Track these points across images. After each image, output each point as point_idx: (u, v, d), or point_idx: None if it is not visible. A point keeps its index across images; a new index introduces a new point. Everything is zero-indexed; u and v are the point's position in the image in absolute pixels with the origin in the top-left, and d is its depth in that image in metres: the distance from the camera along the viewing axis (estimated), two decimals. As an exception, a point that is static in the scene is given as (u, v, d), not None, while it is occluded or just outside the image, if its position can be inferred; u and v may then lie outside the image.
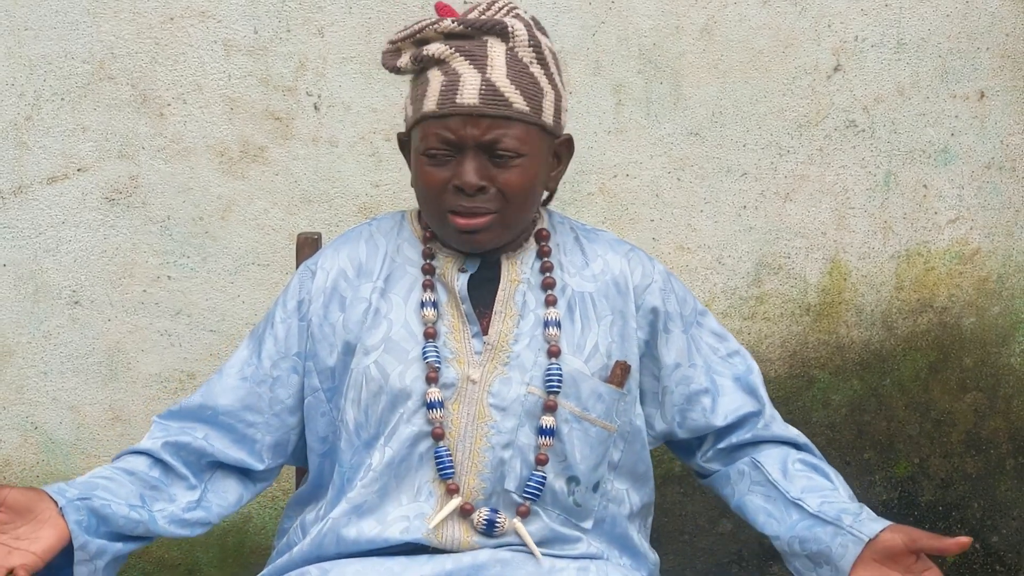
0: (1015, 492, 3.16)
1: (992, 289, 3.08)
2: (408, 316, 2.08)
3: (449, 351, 2.06)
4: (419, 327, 2.07)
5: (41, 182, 2.87)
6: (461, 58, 2.01)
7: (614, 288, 2.13)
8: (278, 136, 2.88)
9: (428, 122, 2.01)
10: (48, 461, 2.96)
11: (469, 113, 1.98)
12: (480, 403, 2.05)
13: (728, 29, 2.92)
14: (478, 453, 2.04)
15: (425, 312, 2.07)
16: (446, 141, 2.00)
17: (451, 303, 2.09)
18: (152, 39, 2.83)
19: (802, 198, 3.00)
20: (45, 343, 2.92)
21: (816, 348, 3.06)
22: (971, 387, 3.12)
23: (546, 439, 2.05)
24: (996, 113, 3.01)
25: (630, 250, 2.19)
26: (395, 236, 2.16)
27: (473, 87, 1.98)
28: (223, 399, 2.13)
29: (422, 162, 2.02)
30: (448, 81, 2.00)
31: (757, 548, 3.12)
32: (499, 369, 2.06)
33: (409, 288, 2.10)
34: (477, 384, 2.05)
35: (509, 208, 2.02)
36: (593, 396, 2.08)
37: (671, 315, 2.16)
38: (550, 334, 2.07)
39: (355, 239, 2.18)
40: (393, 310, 2.09)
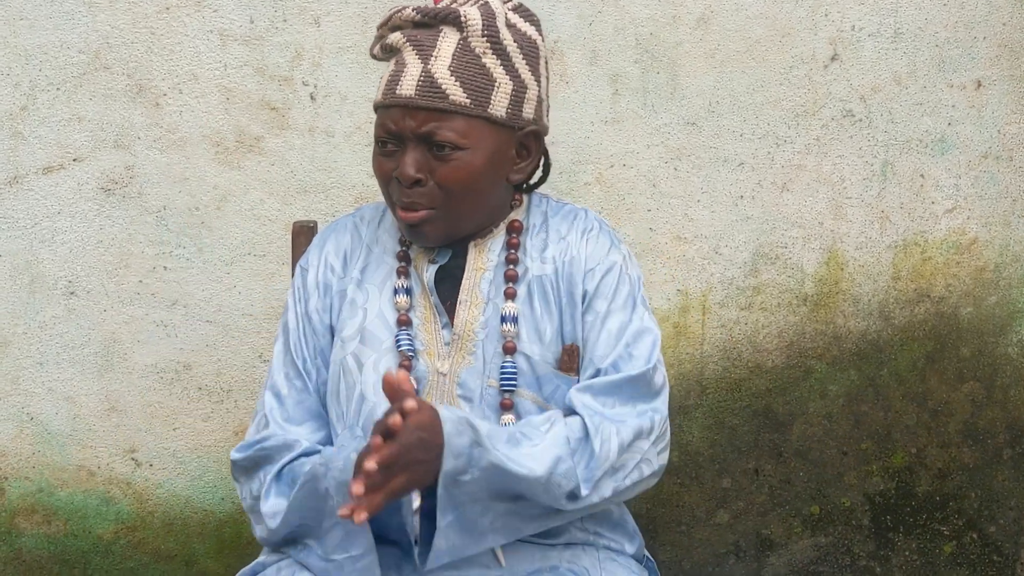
0: (1012, 482, 3.16)
1: (989, 279, 3.08)
2: (382, 305, 2.09)
3: (420, 343, 2.06)
4: (393, 315, 2.08)
5: (36, 172, 2.87)
6: (411, 48, 2.02)
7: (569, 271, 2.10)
8: (274, 126, 2.87)
9: (379, 112, 2.05)
10: (44, 452, 2.96)
11: (406, 105, 1.99)
12: (450, 395, 2.05)
13: (725, 19, 2.92)
14: None
15: (398, 299, 2.08)
16: (389, 132, 2.02)
17: (423, 294, 2.09)
18: (148, 29, 2.82)
19: (799, 188, 3.00)
20: (41, 334, 2.92)
21: (813, 338, 3.06)
22: (968, 377, 3.12)
23: None
24: (993, 102, 3.01)
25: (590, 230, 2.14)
26: (375, 227, 2.18)
27: (412, 78, 1.99)
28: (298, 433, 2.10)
29: (375, 151, 2.06)
30: (395, 71, 2.02)
31: (754, 539, 3.12)
32: (466, 359, 2.06)
33: (384, 278, 2.11)
34: (446, 376, 2.06)
35: (451, 202, 2.02)
36: (551, 385, 2.07)
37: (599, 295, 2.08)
38: (505, 329, 2.06)
39: (340, 230, 2.20)
40: (369, 299, 2.10)
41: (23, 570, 2.99)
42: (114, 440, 2.97)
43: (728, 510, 3.10)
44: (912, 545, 3.16)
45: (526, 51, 2.05)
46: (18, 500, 2.98)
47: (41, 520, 2.99)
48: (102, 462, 2.97)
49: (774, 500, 3.12)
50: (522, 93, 2.04)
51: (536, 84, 2.07)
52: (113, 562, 3.01)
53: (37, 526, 2.99)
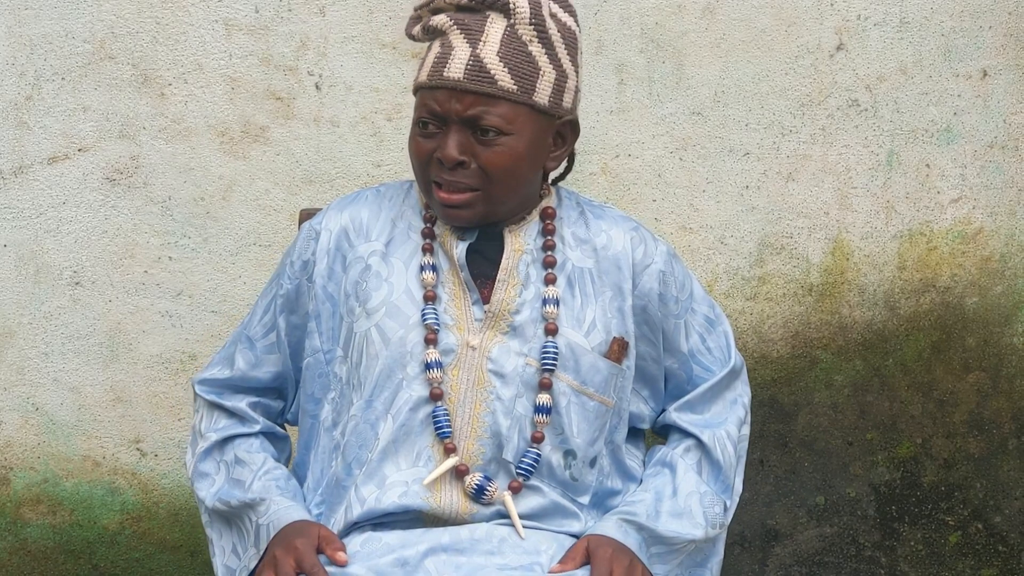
0: (1018, 472, 3.16)
1: (995, 269, 3.08)
2: (409, 281, 2.10)
3: (450, 318, 2.08)
4: (419, 291, 2.09)
5: (42, 162, 2.87)
6: (458, 31, 2.02)
7: (614, 264, 2.14)
8: (279, 116, 2.87)
9: (421, 92, 2.05)
10: (49, 442, 2.96)
11: (454, 87, 2.00)
12: (479, 369, 2.06)
13: (730, 8, 2.91)
14: (477, 418, 2.05)
15: (424, 276, 2.09)
16: (433, 113, 2.02)
17: (452, 271, 2.10)
18: (153, 18, 2.82)
19: (805, 178, 3.00)
20: (46, 324, 2.92)
21: (819, 328, 3.06)
22: (974, 367, 3.12)
23: (542, 416, 2.06)
24: (999, 92, 3.01)
25: (634, 227, 2.19)
26: (400, 202, 2.18)
27: (461, 62, 2.00)
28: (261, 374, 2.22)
29: (414, 131, 2.06)
30: (442, 53, 2.02)
31: (760, 529, 3.12)
32: (499, 337, 2.07)
33: (411, 254, 2.12)
34: (476, 350, 2.06)
35: (492, 187, 2.03)
36: (592, 370, 2.10)
37: (667, 298, 2.17)
38: (548, 312, 2.08)
39: (359, 200, 2.20)
40: (394, 274, 2.10)
41: (29, 560, 3.00)
42: (119, 430, 2.97)
43: (733, 500, 3.10)
44: (918, 535, 3.16)
45: (567, 41, 2.07)
46: (23, 490, 2.98)
47: (46, 510, 2.99)
48: (107, 452, 2.97)
49: (780, 490, 3.12)
50: (563, 82, 2.06)
51: (575, 74, 2.09)
52: (118, 552, 3.01)
53: (42, 516, 2.99)
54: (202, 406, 2.24)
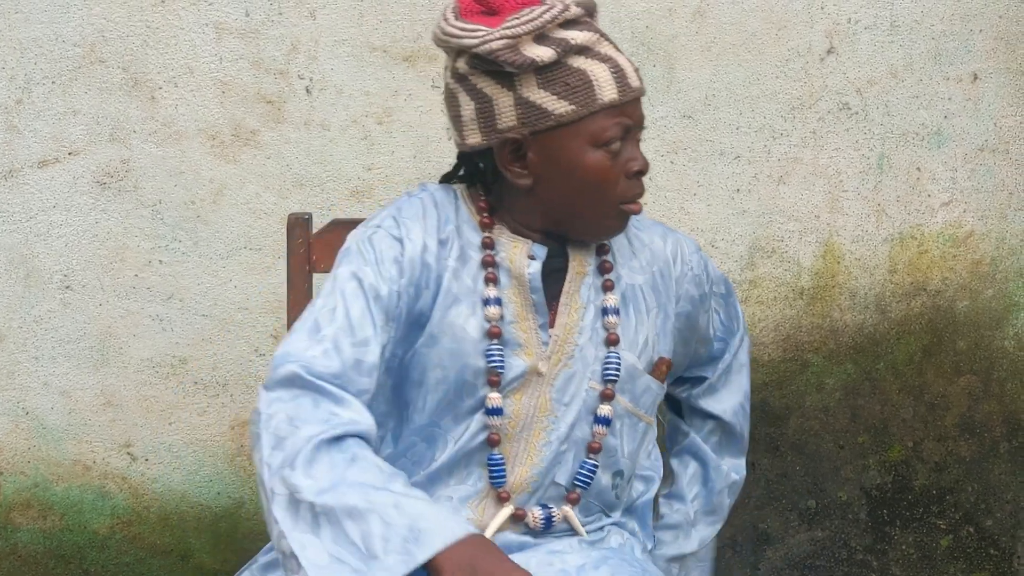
0: (1009, 475, 3.16)
1: (986, 272, 3.08)
2: (476, 305, 1.99)
3: (517, 342, 1.99)
4: (484, 324, 1.98)
5: (32, 166, 2.86)
6: (606, 42, 1.97)
7: (660, 279, 2.11)
8: (270, 119, 2.87)
9: (605, 112, 1.93)
10: (39, 446, 2.95)
11: (637, 96, 1.96)
12: (543, 396, 2.00)
13: (721, 11, 2.92)
14: (535, 447, 2.01)
15: (489, 310, 1.97)
16: (625, 128, 1.95)
17: (517, 290, 2.00)
18: (143, 22, 2.82)
19: (795, 181, 3.00)
20: (36, 328, 2.91)
21: (810, 332, 3.06)
22: (965, 370, 3.12)
23: (601, 427, 2.02)
24: (989, 95, 3.01)
25: (666, 233, 2.17)
26: (455, 215, 2.04)
27: (633, 70, 1.96)
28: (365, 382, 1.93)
29: (598, 157, 1.93)
30: (612, 67, 1.93)
31: (751, 533, 3.12)
32: (564, 363, 2.01)
33: (474, 277, 2.00)
34: (543, 377, 2.00)
35: None
36: (645, 392, 2.08)
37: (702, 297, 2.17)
38: (609, 322, 2.03)
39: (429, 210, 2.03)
40: (463, 295, 1.99)
41: (19, 565, 2.99)
42: (110, 434, 2.97)
43: (725, 504, 3.10)
44: (909, 539, 3.16)
45: None
46: (13, 495, 2.97)
47: (37, 515, 2.99)
48: (98, 457, 2.97)
49: (771, 494, 3.12)
50: None
51: None
52: (109, 557, 3.00)
53: (33, 521, 2.99)
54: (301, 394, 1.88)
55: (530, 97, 1.92)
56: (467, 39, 1.91)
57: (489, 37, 1.89)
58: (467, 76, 1.95)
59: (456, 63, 1.97)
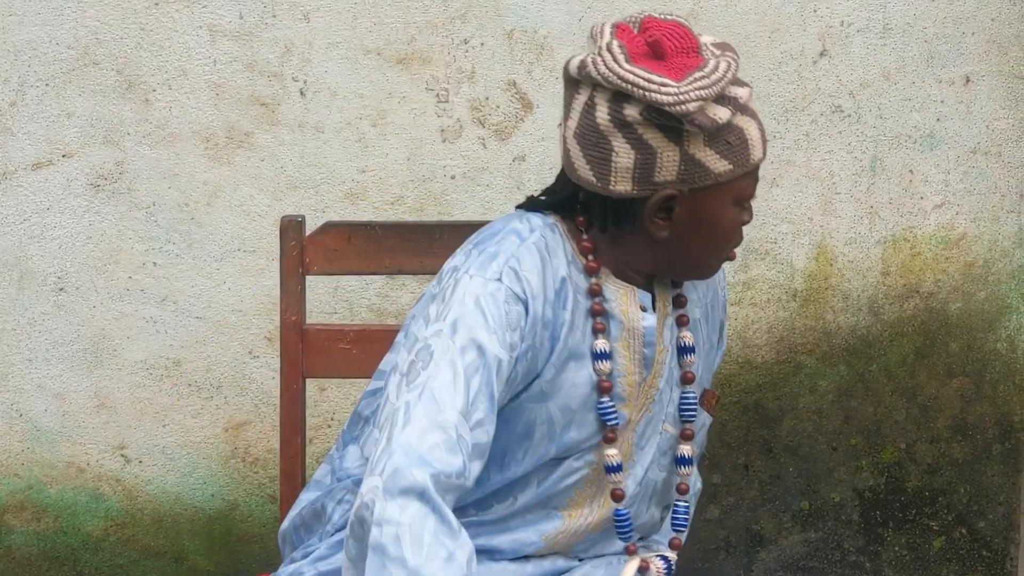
0: (1001, 477, 3.16)
1: (978, 274, 3.09)
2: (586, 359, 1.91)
3: (622, 396, 1.94)
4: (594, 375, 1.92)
5: (26, 168, 2.86)
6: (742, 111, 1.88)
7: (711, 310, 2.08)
8: (264, 122, 2.87)
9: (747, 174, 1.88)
10: (33, 448, 2.95)
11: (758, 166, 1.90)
12: (627, 443, 1.97)
13: (714, 14, 2.92)
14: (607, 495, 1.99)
15: (600, 365, 1.90)
16: (751, 195, 1.91)
17: (627, 343, 1.94)
18: (137, 24, 2.82)
19: (788, 183, 3.00)
20: (30, 330, 2.91)
21: (803, 334, 3.07)
22: (957, 372, 3.12)
23: (685, 468, 2.01)
24: (982, 98, 3.02)
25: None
26: (561, 254, 1.92)
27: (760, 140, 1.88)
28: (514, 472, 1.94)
29: (735, 214, 1.89)
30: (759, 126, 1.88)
31: (744, 534, 3.12)
32: (646, 407, 1.97)
33: (583, 325, 1.91)
34: (630, 424, 1.96)
35: None
36: (702, 428, 2.06)
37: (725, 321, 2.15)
38: (686, 361, 1.99)
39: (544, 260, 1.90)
40: (576, 350, 1.91)
41: (13, 567, 2.99)
42: (104, 436, 2.97)
43: (718, 505, 3.10)
44: (902, 540, 3.16)
45: None
46: (7, 497, 2.97)
47: (31, 517, 2.98)
48: (92, 459, 2.97)
49: (764, 495, 3.12)
50: None
51: None
52: (103, 559, 3.00)
53: (27, 523, 2.99)
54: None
55: (696, 155, 1.82)
56: (657, 94, 1.77)
57: (684, 97, 1.77)
58: (634, 125, 1.81)
59: (624, 109, 1.81)
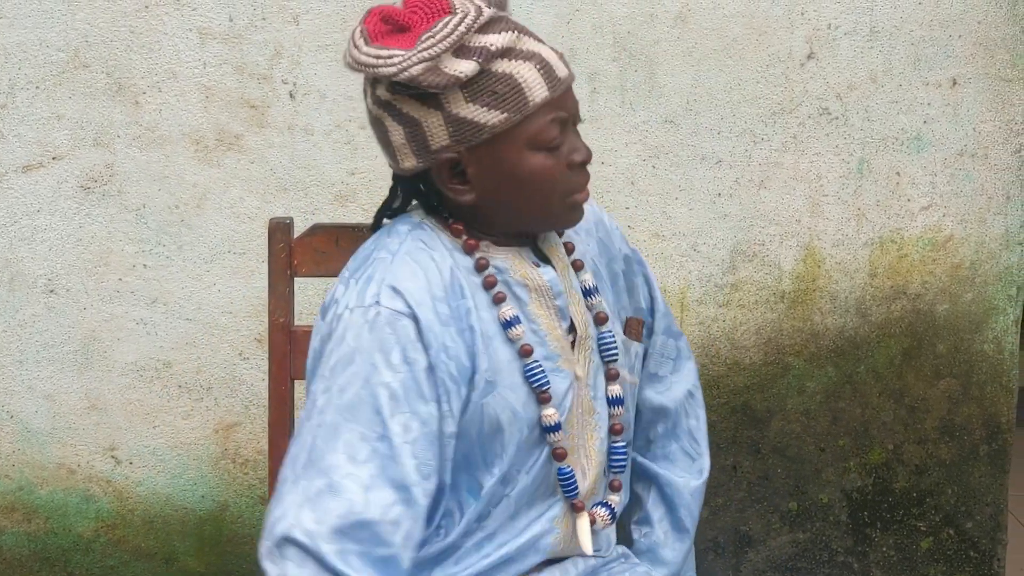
0: (989, 478, 3.17)
1: (965, 276, 3.10)
2: (502, 336, 1.89)
3: (556, 353, 1.92)
4: (513, 347, 1.89)
5: (16, 171, 2.87)
6: (526, 36, 1.83)
7: (600, 242, 2.06)
8: (253, 124, 2.88)
9: (541, 111, 1.81)
10: (24, 450, 2.96)
11: (568, 85, 1.83)
12: (585, 398, 1.96)
13: (702, 17, 2.93)
14: (592, 450, 1.97)
15: (511, 332, 1.88)
16: (562, 122, 1.83)
17: (537, 301, 1.92)
18: (127, 27, 2.83)
19: (776, 185, 3.01)
20: (20, 332, 2.92)
21: (791, 335, 3.08)
22: (945, 374, 3.14)
23: (617, 408, 1.98)
24: (969, 100, 3.03)
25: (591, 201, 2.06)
26: (440, 244, 1.90)
27: (558, 59, 1.83)
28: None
29: (539, 159, 1.82)
30: (538, 63, 1.80)
31: (733, 535, 3.13)
32: (591, 359, 1.96)
33: (489, 306, 1.89)
34: (582, 380, 1.95)
35: None
36: (636, 358, 2.05)
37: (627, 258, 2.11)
38: (592, 302, 1.97)
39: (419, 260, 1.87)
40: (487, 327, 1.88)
41: (3, 568, 2.99)
42: (94, 438, 2.97)
43: (706, 506, 3.11)
44: (889, 541, 3.17)
45: None
46: (-2, 498, 2.98)
47: (21, 518, 2.99)
48: (82, 460, 2.98)
49: (752, 496, 3.13)
50: None
51: None
52: (93, 560, 3.01)
53: (17, 524, 2.99)
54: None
55: (459, 113, 1.79)
56: (384, 67, 1.77)
57: (407, 63, 1.75)
58: (390, 103, 1.83)
59: (376, 90, 1.85)
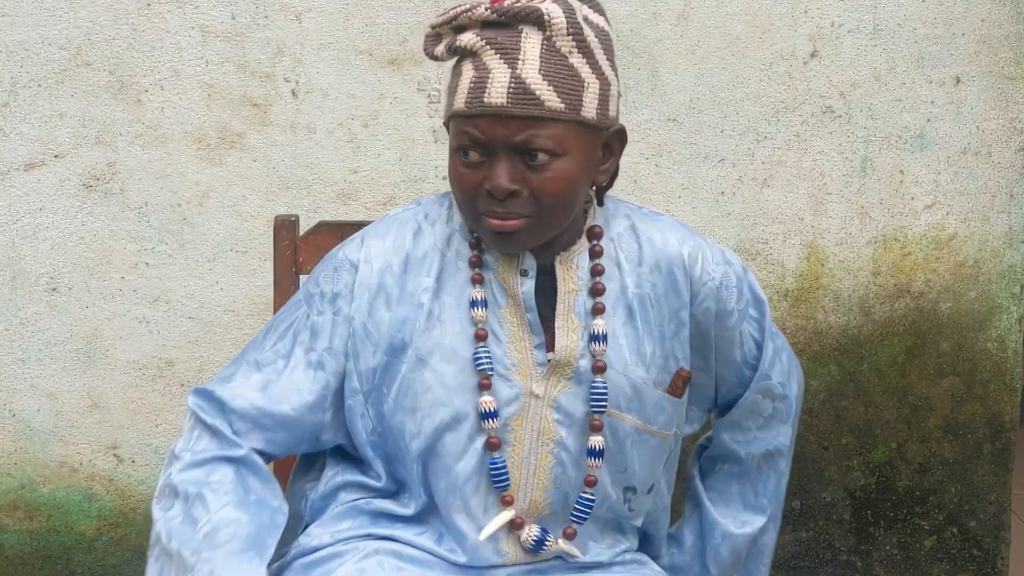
0: (992, 477, 3.17)
1: (968, 274, 3.10)
2: (463, 320, 1.93)
3: (511, 362, 1.94)
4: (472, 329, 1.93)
5: (18, 169, 2.87)
6: (492, 52, 1.83)
7: (672, 286, 1.99)
8: (256, 122, 2.88)
9: (458, 120, 1.85)
10: (26, 448, 2.96)
11: (497, 114, 1.81)
12: (545, 419, 1.94)
13: (705, 15, 2.93)
14: (544, 470, 1.96)
15: (475, 312, 1.92)
16: (476, 141, 1.83)
17: (512, 309, 1.95)
18: (129, 25, 2.83)
19: (779, 184, 3.01)
20: (23, 330, 2.92)
21: (794, 333, 3.07)
22: (948, 372, 3.13)
23: (595, 460, 1.96)
24: (972, 98, 3.03)
25: (688, 236, 2.03)
26: (444, 224, 1.98)
27: (502, 85, 1.80)
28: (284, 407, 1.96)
29: (455, 160, 1.87)
30: (478, 77, 1.82)
31: (736, 534, 3.13)
32: (563, 383, 1.95)
33: (462, 287, 1.94)
34: (541, 399, 1.94)
35: (545, 212, 1.86)
36: (656, 409, 1.99)
37: (723, 314, 2.03)
38: (596, 349, 1.94)
39: (401, 228, 1.99)
40: (446, 311, 1.94)
41: (5, 566, 2.99)
42: (96, 436, 2.97)
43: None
44: (893, 539, 3.17)
45: (604, 45, 1.89)
46: (0, 496, 2.98)
47: (23, 516, 2.99)
48: (84, 458, 2.97)
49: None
50: (607, 90, 1.88)
51: (616, 79, 1.92)
52: (95, 558, 3.01)
53: (19, 522, 2.99)
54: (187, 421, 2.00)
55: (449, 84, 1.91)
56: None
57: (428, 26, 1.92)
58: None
59: None
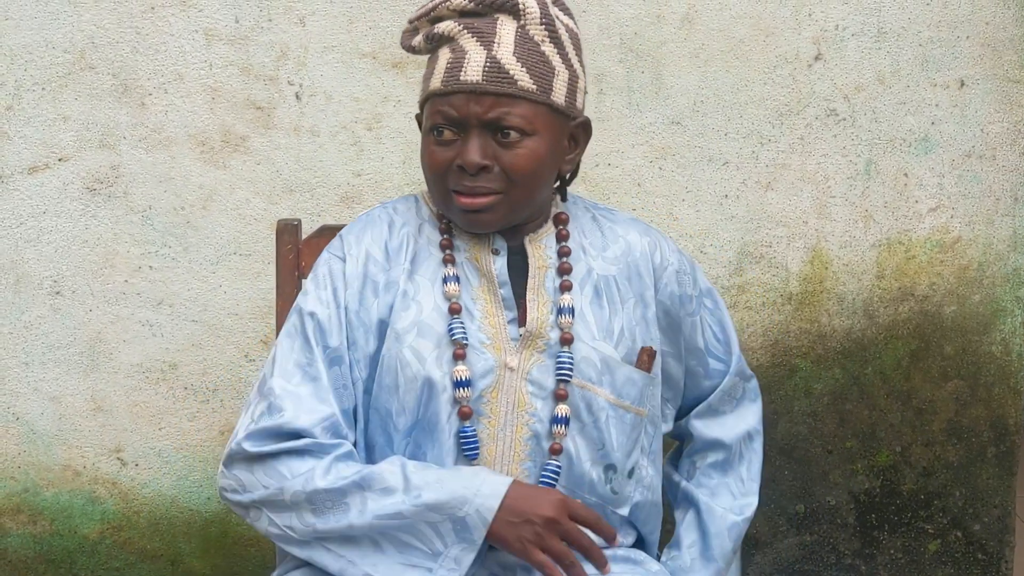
0: (996, 480, 3.17)
1: (973, 277, 3.09)
2: (436, 297, 2.04)
3: (485, 336, 2.03)
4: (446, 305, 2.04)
5: (22, 172, 2.87)
6: (469, 35, 1.98)
7: (636, 271, 2.13)
8: (259, 125, 2.88)
9: (434, 100, 1.99)
10: (29, 451, 2.96)
11: (472, 90, 1.95)
12: (519, 391, 2.02)
13: (709, 18, 2.93)
14: (520, 442, 2.02)
15: (448, 288, 2.04)
16: (450, 119, 1.97)
17: (485, 287, 2.07)
18: (133, 28, 2.83)
19: (783, 187, 3.01)
20: (26, 333, 2.92)
21: (798, 337, 3.07)
22: (952, 375, 3.13)
23: (561, 427, 2.02)
24: (976, 101, 3.02)
25: (647, 230, 2.19)
26: (414, 216, 2.13)
27: (477, 64, 1.96)
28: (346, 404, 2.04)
29: (428, 141, 2.01)
30: (454, 58, 1.98)
31: (740, 537, 3.12)
32: (536, 356, 2.04)
33: (435, 268, 2.07)
34: (515, 372, 2.02)
35: (514, 189, 1.99)
36: (628, 383, 2.08)
37: (685, 298, 2.17)
38: (563, 321, 2.04)
39: (376, 222, 2.13)
40: (421, 291, 2.05)
41: (8, 570, 2.99)
42: (100, 440, 2.97)
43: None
44: (897, 543, 3.17)
45: (574, 41, 2.05)
46: (3, 500, 2.98)
47: (27, 520, 2.99)
48: (88, 462, 2.97)
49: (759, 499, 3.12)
50: (575, 82, 2.04)
51: (583, 74, 2.07)
52: (99, 562, 3.01)
53: (23, 526, 2.99)
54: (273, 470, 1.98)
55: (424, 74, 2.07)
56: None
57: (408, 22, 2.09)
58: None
59: None
